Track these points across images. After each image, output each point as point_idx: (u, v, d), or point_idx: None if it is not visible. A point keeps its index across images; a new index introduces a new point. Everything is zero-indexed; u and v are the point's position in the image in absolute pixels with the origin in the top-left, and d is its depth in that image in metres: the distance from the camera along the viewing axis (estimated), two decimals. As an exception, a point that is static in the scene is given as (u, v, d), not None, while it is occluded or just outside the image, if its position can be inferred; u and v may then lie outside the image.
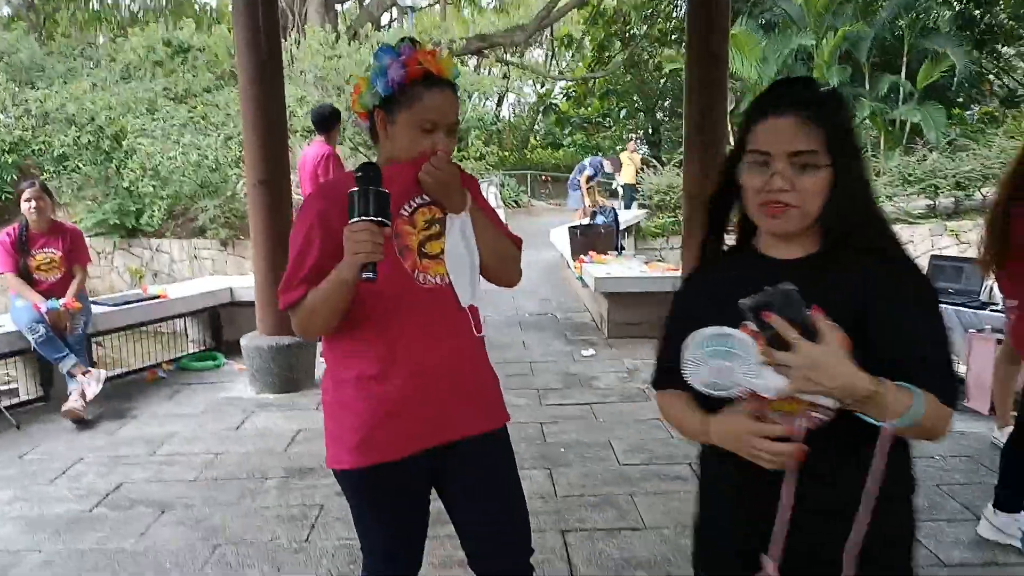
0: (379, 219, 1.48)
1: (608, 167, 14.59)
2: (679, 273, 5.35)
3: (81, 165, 12.50)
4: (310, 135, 13.06)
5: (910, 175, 14.34)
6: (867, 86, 17.91)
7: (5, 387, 5.72)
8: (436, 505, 1.82)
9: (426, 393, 1.64)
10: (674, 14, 23.24)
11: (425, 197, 1.68)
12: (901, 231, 13.08)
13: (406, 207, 1.67)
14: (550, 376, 5.31)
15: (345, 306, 1.59)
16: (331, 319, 1.62)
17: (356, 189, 1.50)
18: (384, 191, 1.50)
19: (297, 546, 2.99)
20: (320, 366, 5.37)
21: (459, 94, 1.74)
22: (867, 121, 17.38)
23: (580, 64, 29.70)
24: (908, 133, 17.40)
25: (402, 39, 1.71)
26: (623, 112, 27.62)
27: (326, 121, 5.43)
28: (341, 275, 1.53)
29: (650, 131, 26.46)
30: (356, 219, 1.48)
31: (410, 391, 1.63)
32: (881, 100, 17.73)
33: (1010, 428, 3.67)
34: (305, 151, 5.55)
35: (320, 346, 5.33)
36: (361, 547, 1.83)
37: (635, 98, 26.61)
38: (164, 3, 23.93)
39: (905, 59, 17.52)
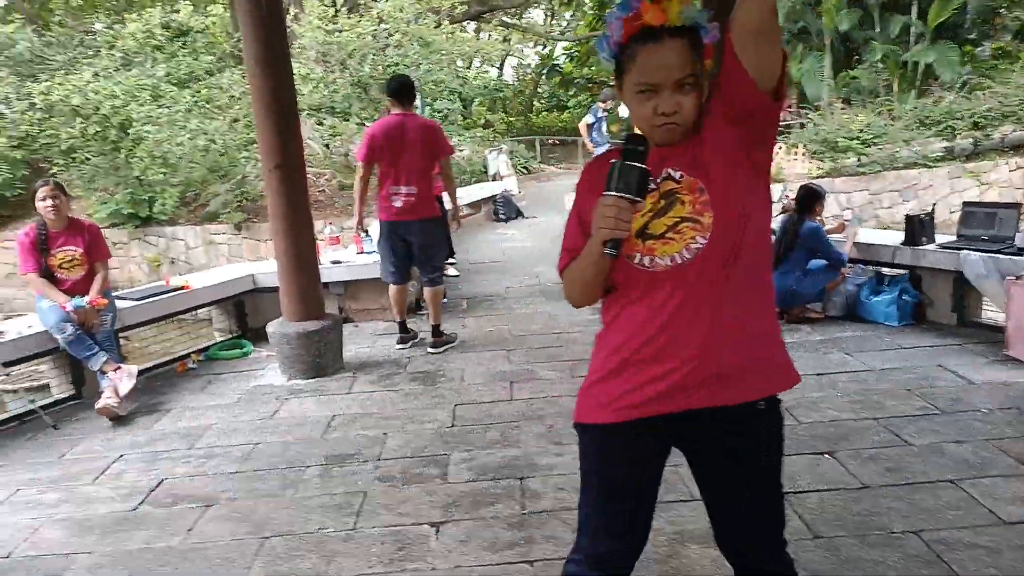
0: (628, 196, 1.43)
1: (609, 102, 13.83)
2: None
3: (90, 156, 12.48)
4: (316, 113, 12.96)
5: (926, 118, 14.08)
6: (877, 28, 17.54)
7: (36, 384, 5.77)
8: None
9: (660, 365, 1.53)
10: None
11: (657, 182, 1.55)
12: (920, 175, 12.90)
13: None
14: (579, 347, 5.26)
15: (596, 279, 1.57)
16: (585, 290, 1.61)
17: (615, 162, 1.45)
18: (639, 167, 1.44)
19: (345, 535, 2.98)
20: (349, 350, 5.36)
21: (461, 57, 1.59)
22: (880, 64, 17.06)
23: (581, 23, 29.21)
24: (922, 75, 17.06)
25: None
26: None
27: (412, 90, 5.31)
28: (590, 248, 1.52)
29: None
30: (608, 193, 1.44)
31: (643, 368, 1.55)
32: (893, 42, 17.37)
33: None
34: (404, 122, 5.13)
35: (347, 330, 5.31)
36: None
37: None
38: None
39: (916, -2, 17.11)
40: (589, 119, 12.73)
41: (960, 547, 2.57)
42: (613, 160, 1.46)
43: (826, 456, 3.34)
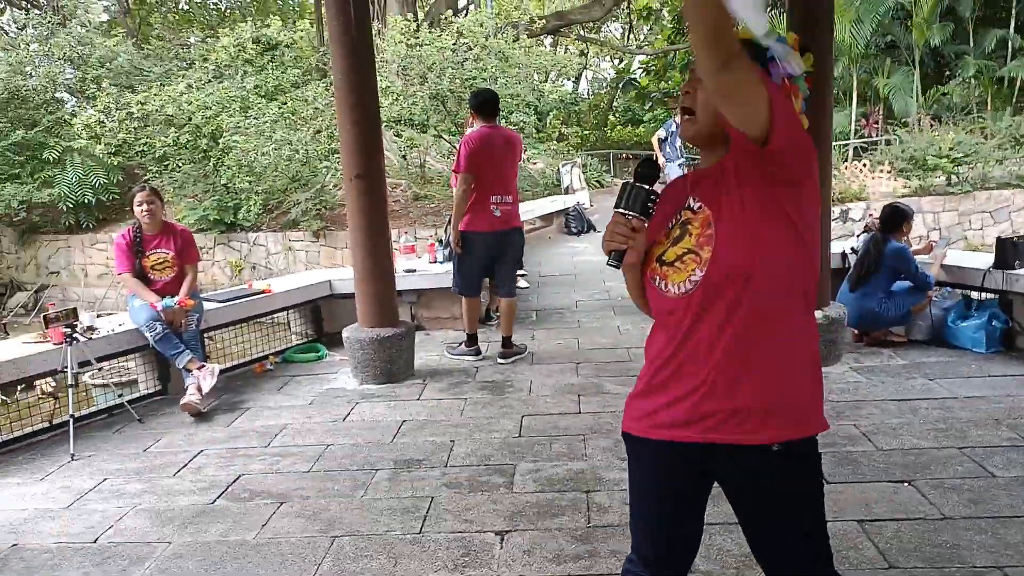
0: (626, 212, 1.59)
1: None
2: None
3: (181, 164, 13.06)
4: (394, 125, 13.24)
5: (1022, 136, 13.47)
6: (971, 43, 16.89)
7: (124, 379, 6.04)
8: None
9: (675, 390, 1.59)
10: (759, -21, 22.34)
11: (680, 214, 1.62)
12: (1013, 196, 12.30)
13: (671, 222, 1.64)
14: (649, 362, 5.21)
15: (634, 291, 1.72)
16: (634, 300, 1.75)
17: (625, 182, 1.61)
18: (642, 187, 1.59)
19: (412, 538, 3.02)
20: (419, 358, 5.44)
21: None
22: (972, 80, 16.40)
23: (659, 37, 29.03)
24: (1018, 91, 16.32)
25: None
26: (706, 83, 26.86)
27: (498, 103, 5.42)
28: None
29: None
30: (614, 210, 1.61)
31: (663, 391, 1.62)
32: (987, 57, 16.69)
33: None
34: (496, 134, 5.26)
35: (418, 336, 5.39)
36: None
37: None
38: (250, 0, 24.59)
39: (1014, 11, 16.41)
40: (661, 133, 12.67)
41: (1049, 586, 2.44)
42: (624, 181, 1.62)
43: (905, 484, 3.22)
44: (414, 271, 6.47)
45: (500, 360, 5.43)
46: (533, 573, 2.73)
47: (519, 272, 7.58)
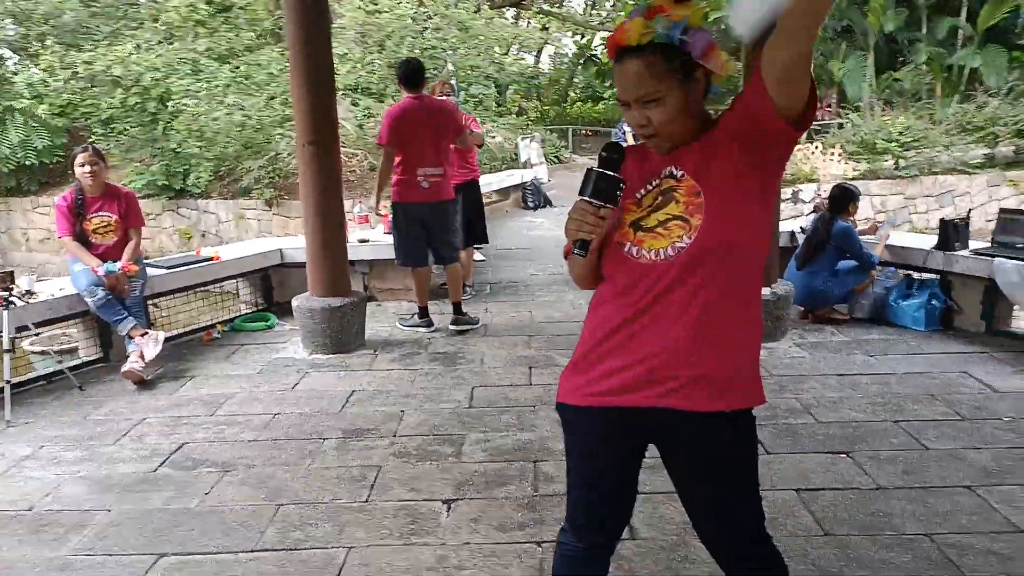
0: (593, 201, 1.54)
1: (630, 139, 14.01)
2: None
3: (128, 127, 12.65)
4: (351, 94, 13.02)
5: (968, 123, 13.83)
6: (924, 30, 17.22)
7: (65, 346, 5.89)
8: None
9: (621, 359, 1.58)
10: (720, -41, 22.43)
11: (656, 183, 1.60)
12: (957, 181, 12.65)
13: (641, 191, 1.62)
14: (600, 335, 5.25)
15: (583, 270, 1.67)
16: (580, 277, 1.72)
17: (589, 168, 1.56)
18: (607, 174, 1.53)
19: (358, 506, 3.02)
20: (371, 328, 5.40)
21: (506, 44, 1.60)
22: (924, 67, 16.75)
23: (622, 13, 28.98)
24: (966, 79, 16.72)
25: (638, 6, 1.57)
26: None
27: (424, 73, 5.32)
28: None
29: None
30: (579, 198, 1.55)
31: (610, 358, 1.60)
32: (939, 45, 17.04)
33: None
34: (422, 104, 5.19)
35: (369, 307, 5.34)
36: None
37: (679, 48, 25.91)
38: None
39: (965, 1, 16.76)
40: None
41: (972, 552, 2.55)
42: (589, 167, 1.55)
43: (843, 456, 3.32)
44: (367, 241, 6.40)
45: (452, 327, 5.43)
46: (479, 540, 2.75)
47: (475, 246, 7.54)
